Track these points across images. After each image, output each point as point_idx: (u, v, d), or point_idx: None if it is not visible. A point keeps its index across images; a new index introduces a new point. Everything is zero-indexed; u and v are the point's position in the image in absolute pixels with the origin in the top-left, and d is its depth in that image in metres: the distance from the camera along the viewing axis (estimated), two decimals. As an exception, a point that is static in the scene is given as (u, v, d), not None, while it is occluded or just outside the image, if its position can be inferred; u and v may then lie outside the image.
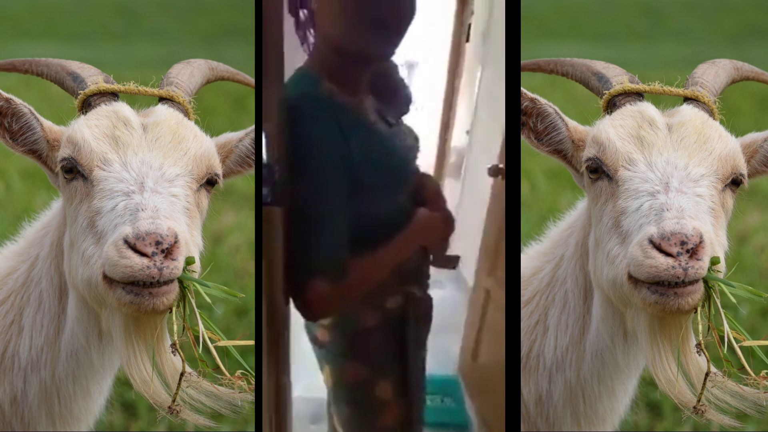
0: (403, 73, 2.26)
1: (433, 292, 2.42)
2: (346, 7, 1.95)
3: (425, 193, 2.24)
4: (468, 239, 3.42)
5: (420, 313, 2.33)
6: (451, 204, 2.46)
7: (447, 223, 2.27)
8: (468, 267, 3.61)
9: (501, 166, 3.21)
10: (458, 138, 4.60)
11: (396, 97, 2.19)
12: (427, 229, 2.21)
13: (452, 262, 2.41)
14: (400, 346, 2.27)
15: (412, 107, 2.26)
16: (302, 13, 2.00)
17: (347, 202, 2.03)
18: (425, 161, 2.32)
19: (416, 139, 2.29)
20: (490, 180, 3.34)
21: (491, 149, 3.35)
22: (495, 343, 3.37)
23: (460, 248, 2.52)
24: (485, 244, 3.46)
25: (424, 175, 2.31)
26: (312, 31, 2.01)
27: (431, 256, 2.33)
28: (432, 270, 2.40)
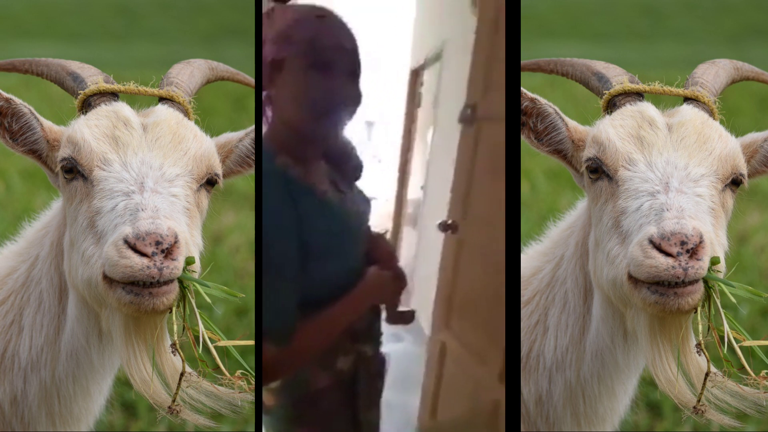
0: (362, 130, 2.47)
1: (390, 346, 2.46)
2: (299, 96, 2.13)
3: (377, 253, 2.31)
4: (424, 291, 3.45)
5: (372, 371, 2.34)
6: (409, 255, 2.52)
7: (398, 281, 2.32)
8: (426, 319, 3.65)
9: (450, 222, 3.32)
10: (414, 191, 4.98)
11: (347, 166, 2.33)
12: (377, 288, 2.28)
13: (407, 318, 2.48)
14: (351, 407, 2.29)
15: (363, 173, 2.42)
16: (263, 93, 2.16)
17: (297, 270, 2.11)
18: (385, 210, 2.40)
19: (368, 202, 2.36)
20: (441, 235, 3.43)
21: (442, 205, 3.46)
22: (453, 398, 3.39)
23: (416, 300, 2.58)
24: (439, 297, 3.50)
25: (377, 235, 2.38)
26: (270, 108, 2.18)
27: (384, 314, 2.38)
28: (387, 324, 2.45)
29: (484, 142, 3.20)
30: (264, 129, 2.19)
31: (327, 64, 2.11)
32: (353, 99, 2.18)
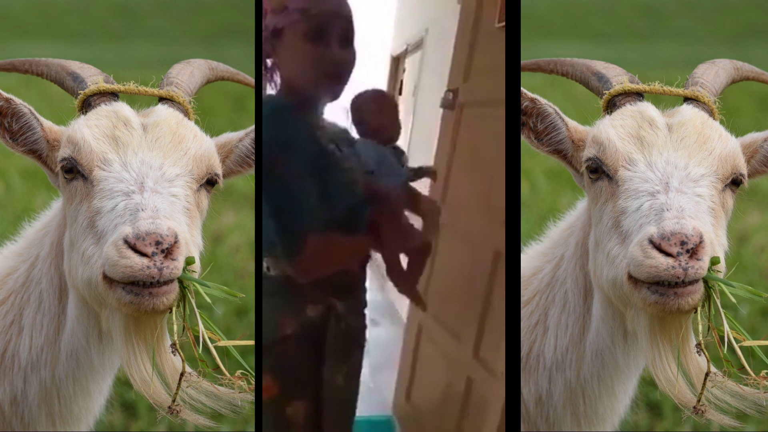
0: (343, 117, 2.66)
1: (368, 330, 2.50)
2: (301, 61, 2.29)
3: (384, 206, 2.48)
4: None
5: (345, 332, 2.41)
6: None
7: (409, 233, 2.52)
8: (402, 303, 3.68)
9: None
10: None
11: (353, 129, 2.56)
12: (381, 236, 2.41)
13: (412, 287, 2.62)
14: (316, 360, 2.37)
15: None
16: (269, 61, 2.34)
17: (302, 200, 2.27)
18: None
19: (372, 158, 2.54)
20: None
21: (422, 189, 3.56)
22: (428, 380, 3.45)
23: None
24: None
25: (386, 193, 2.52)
26: (278, 73, 2.35)
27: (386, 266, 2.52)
28: (368, 309, 2.53)
29: (464, 126, 3.25)
30: (272, 93, 2.33)
31: (321, 30, 2.26)
32: (349, 62, 2.33)
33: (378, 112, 2.96)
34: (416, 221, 2.58)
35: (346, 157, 2.40)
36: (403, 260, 2.55)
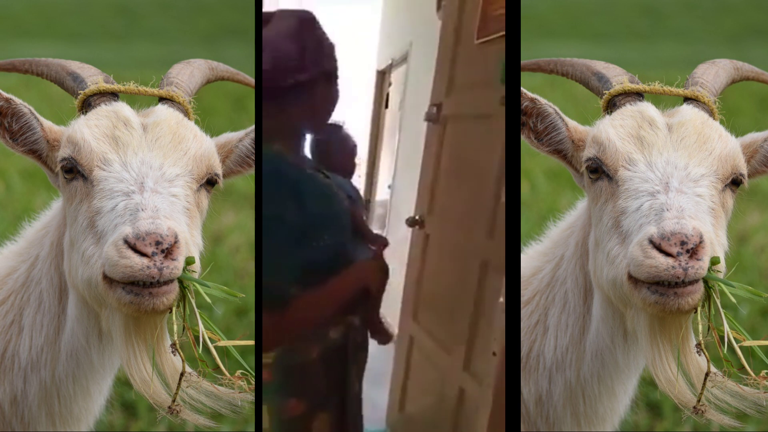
0: (329, 131, 2.71)
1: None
2: (285, 97, 2.31)
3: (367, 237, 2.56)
4: (393, 286, 3.52)
5: (358, 341, 2.46)
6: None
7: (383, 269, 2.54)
8: (395, 314, 3.70)
9: (417, 217, 3.47)
10: (382, 192, 5.30)
11: (334, 159, 2.61)
12: (366, 271, 2.48)
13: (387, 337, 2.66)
14: (340, 378, 2.42)
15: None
16: None
17: (292, 240, 2.30)
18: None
19: (356, 191, 2.59)
20: (409, 230, 3.50)
21: (409, 201, 3.57)
22: (421, 392, 3.47)
23: (386, 295, 2.70)
24: (407, 290, 3.56)
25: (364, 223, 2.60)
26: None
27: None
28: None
29: (449, 139, 3.26)
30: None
31: (307, 67, 2.28)
32: (333, 98, 2.37)
33: (337, 146, 2.98)
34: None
35: (330, 183, 2.43)
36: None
